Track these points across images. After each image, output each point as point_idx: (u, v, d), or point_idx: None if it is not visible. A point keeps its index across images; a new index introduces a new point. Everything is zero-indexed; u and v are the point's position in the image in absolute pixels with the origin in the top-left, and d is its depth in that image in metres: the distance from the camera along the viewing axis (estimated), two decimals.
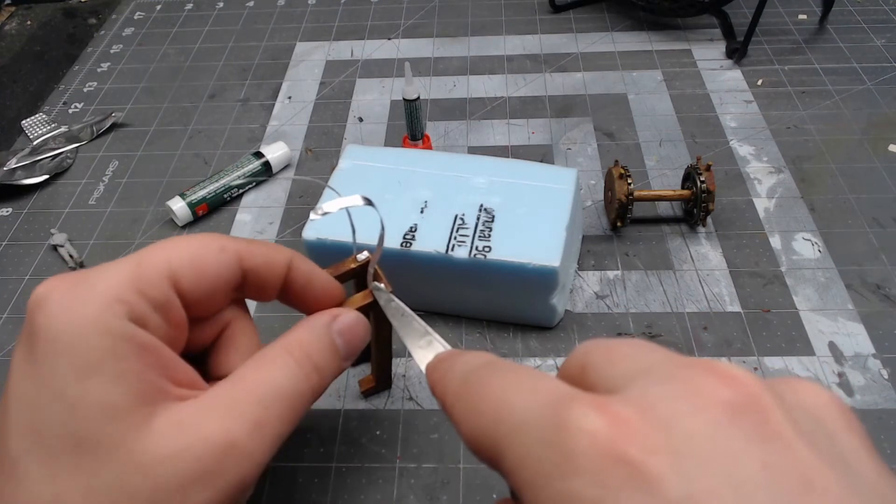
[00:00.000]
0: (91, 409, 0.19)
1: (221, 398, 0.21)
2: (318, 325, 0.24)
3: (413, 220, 0.35)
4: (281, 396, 0.21)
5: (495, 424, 0.16)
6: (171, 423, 0.19)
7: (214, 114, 0.53)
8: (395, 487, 0.31)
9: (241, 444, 0.20)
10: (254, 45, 0.61)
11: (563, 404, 0.15)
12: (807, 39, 0.57)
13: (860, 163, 0.45)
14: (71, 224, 0.45)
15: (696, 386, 0.14)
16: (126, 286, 0.20)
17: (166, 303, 0.21)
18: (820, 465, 0.13)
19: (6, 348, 0.38)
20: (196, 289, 0.22)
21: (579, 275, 0.39)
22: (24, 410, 0.19)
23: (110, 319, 0.19)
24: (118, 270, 0.21)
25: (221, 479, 0.20)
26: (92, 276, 0.20)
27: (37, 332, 0.19)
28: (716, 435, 0.13)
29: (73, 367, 0.19)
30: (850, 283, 0.38)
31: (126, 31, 0.64)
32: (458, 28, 0.61)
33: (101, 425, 0.19)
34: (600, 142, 0.48)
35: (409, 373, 0.35)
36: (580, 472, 0.13)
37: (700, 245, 0.41)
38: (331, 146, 0.50)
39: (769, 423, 0.13)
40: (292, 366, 0.22)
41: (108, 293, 0.20)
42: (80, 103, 0.56)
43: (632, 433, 0.13)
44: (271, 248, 0.24)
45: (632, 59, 0.56)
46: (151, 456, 0.19)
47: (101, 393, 0.19)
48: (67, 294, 0.20)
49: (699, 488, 0.12)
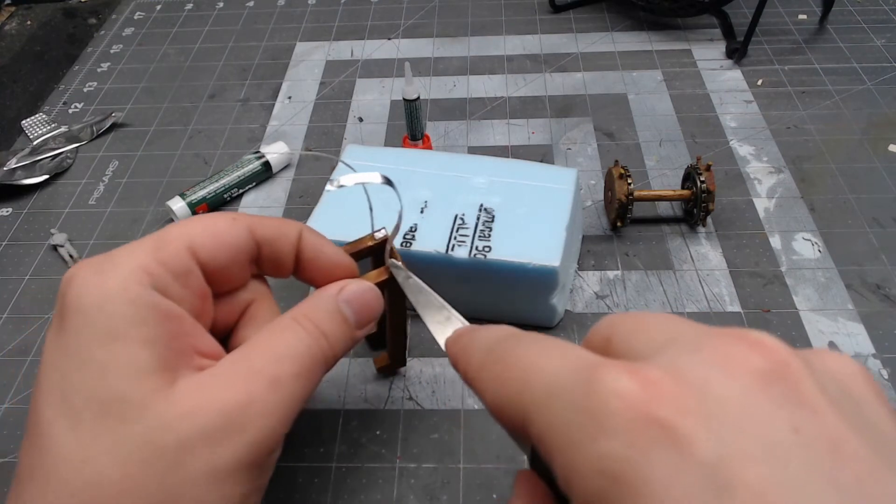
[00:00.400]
0: (117, 373, 0.19)
1: (237, 362, 0.22)
2: (325, 296, 0.25)
3: (413, 219, 0.35)
4: (293, 356, 0.22)
5: (523, 391, 0.16)
6: (191, 385, 0.20)
7: (214, 114, 0.53)
8: (395, 487, 0.31)
9: (260, 399, 0.21)
10: (254, 45, 0.61)
11: (593, 369, 0.15)
12: (807, 39, 0.57)
13: (860, 163, 0.45)
14: (71, 224, 0.45)
15: (726, 353, 0.14)
16: (148, 258, 0.21)
17: (187, 272, 0.22)
18: (848, 432, 0.13)
19: (6, 348, 0.38)
20: (214, 258, 0.23)
21: (579, 275, 0.39)
22: (53, 378, 0.20)
23: (134, 288, 0.20)
24: (140, 245, 0.22)
25: (244, 434, 0.20)
26: (116, 253, 0.22)
27: (66, 306, 0.20)
28: (747, 400, 0.13)
29: (99, 334, 0.20)
30: (850, 283, 0.38)
31: (126, 31, 0.64)
32: (458, 28, 0.61)
33: (126, 387, 0.19)
34: (600, 142, 0.48)
35: (409, 373, 0.35)
36: (611, 434, 0.13)
37: (700, 245, 0.41)
38: (331, 146, 0.50)
39: (799, 389, 0.13)
40: (301, 332, 0.23)
41: (131, 265, 0.21)
42: (80, 103, 0.56)
43: (663, 396, 0.13)
44: (282, 220, 0.26)
45: (632, 59, 0.56)
46: (175, 412, 0.20)
47: (126, 357, 0.20)
48: (93, 270, 0.21)
49: (731, 450, 0.12)
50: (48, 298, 0.41)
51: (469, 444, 0.32)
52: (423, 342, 0.36)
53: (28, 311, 0.40)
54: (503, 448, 0.32)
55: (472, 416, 0.33)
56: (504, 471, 0.31)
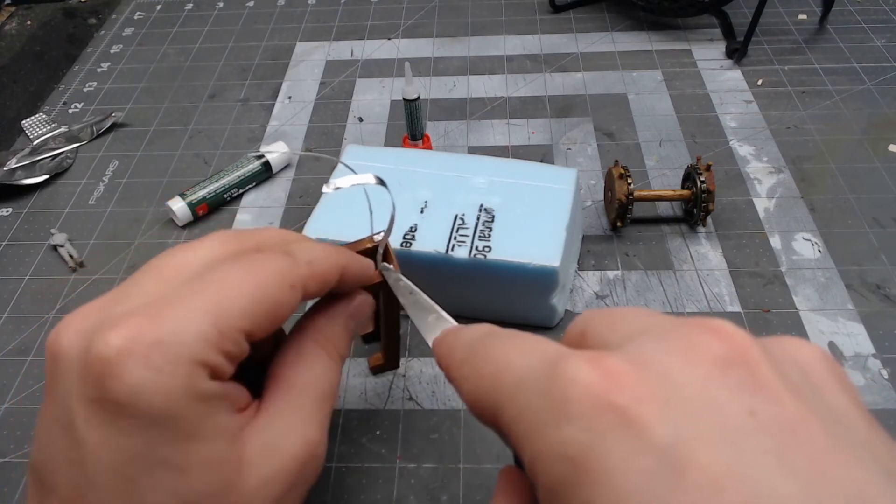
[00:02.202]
0: (198, 469, 0.19)
1: (289, 411, 0.22)
2: (339, 315, 0.25)
3: (413, 219, 0.35)
4: (328, 392, 0.23)
5: (495, 383, 0.17)
6: (261, 450, 0.20)
7: (214, 114, 0.53)
8: (395, 487, 0.31)
9: (318, 450, 0.22)
10: (254, 45, 0.61)
11: (558, 359, 0.15)
12: (807, 39, 0.57)
13: (860, 163, 0.45)
14: (71, 224, 0.45)
15: (689, 341, 0.15)
16: (209, 348, 0.19)
17: (241, 353, 0.21)
18: (806, 415, 0.13)
19: (6, 348, 0.38)
20: (265, 332, 0.21)
21: (579, 275, 0.39)
22: (117, 482, 0.18)
23: (199, 385, 0.19)
24: (197, 327, 0.19)
25: (306, 484, 0.21)
26: (167, 331, 0.18)
27: (120, 402, 0.18)
28: (705, 385, 0.14)
29: (173, 436, 0.18)
30: (850, 283, 0.38)
31: (126, 31, 0.64)
32: (458, 28, 0.61)
33: (209, 480, 0.19)
34: (600, 142, 0.48)
35: (409, 373, 0.35)
36: (572, 419, 0.14)
37: (700, 245, 0.41)
38: (331, 146, 0.50)
39: (757, 374, 0.14)
40: (327, 360, 0.23)
41: (192, 358, 0.19)
42: (80, 103, 0.56)
43: (622, 383, 0.14)
44: (328, 264, 0.23)
45: (632, 59, 0.56)
46: (253, 485, 0.20)
47: (205, 452, 0.19)
48: (148, 360, 0.18)
49: (686, 434, 0.13)
50: (48, 298, 0.41)
51: (469, 444, 0.32)
52: (422, 342, 0.36)
53: (28, 311, 0.40)
54: (503, 448, 0.32)
55: (471, 416, 0.33)
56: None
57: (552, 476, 0.14)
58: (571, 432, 0.14)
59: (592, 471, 0.13)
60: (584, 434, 0.14)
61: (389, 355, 0.34)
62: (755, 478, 0.12)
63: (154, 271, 0.21)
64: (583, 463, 0.13)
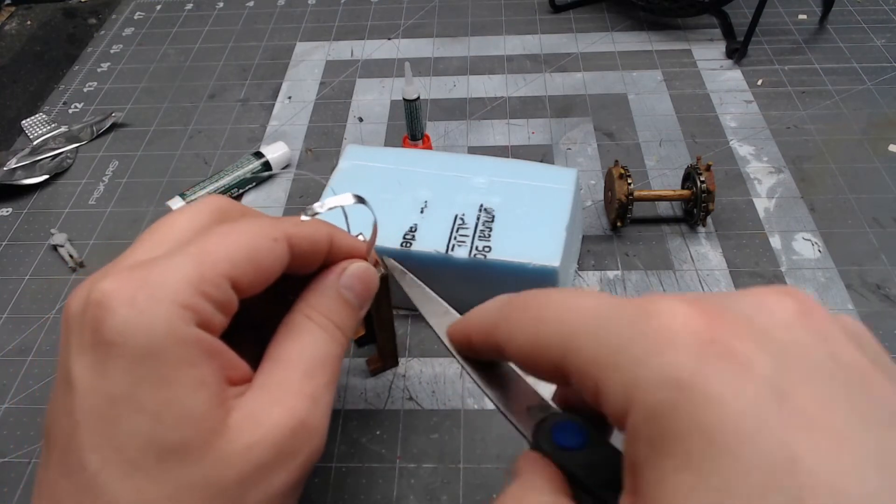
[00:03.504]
0: (173, 419, 0.19)
1: (276, 382, 0.22)
2: (328, 285, 0.25)
3: (413, 220, 0.35)
4: (322, 364, 0.23)
5: (564, 325, 0.18)
6: (244, 417, 0.20)
7: (214, 114, 0.53)
8: (395, 487, 0.31)
9: (307, 421, 0.21)
10: (254, 45, 0.61)
11: (646, 301, 0.16)
12: (807, 39, 0.57)
13: (860, 163, 0.45)
14: (71, 224, 0.45)
15: (762, 299, 0.16)
16: (191, 290, 0.20)
17: (228, 302, 0.21)
18: (868, 365, 0.15)
19: (6, 348, 0.38)
20: (252, 283, 0.22)
21: (579, 275, 0.39)
22: (97, 424, 0.19)
23: (181, 327, 0.19)
24: (180, 271, 0.20)
25: (298, 456, 0.21)
26: (153, 276, 0.20)
27: (108, 342, 0.19)
28: (788, 330, 0.15)
29: (150, 379, 0.19)
30: (850, 283, 0.38)
31: (126, 31, 0.64)
32: (458, 28, 0.61)
33: (184, 433, 0.19)
34: (600, 142, 0.48)
35: (409, 373, 0.35)
36: (677, 349, 0.15)
37: (700, 245, 0.41)
38: (331, 146, 0.50)
39: (826, 326, 0.16)
40: (319, 332, 0.23)
41: (175, 298, 0.19)
42: (80, 103, 0.56)
43: (720, 321, 0.15)
44: (315, 228, 0.24)
45: (632, 59, 0.56)
46: (233, 449, 0.20)
47: (182, 401, 0.19)
48: (134, 300, 0.19)
49: (783, 367, 0.14)
50: (48, 298, 0.41)
51: (469, 444, 0.32)
52: (423, 342, 0.36)
53: (28, 311, 0.40)
54: (503, 448, 0.32)
55: (472, 416, 0.33)
56: (504, 471, 0.31)
57: (654, 400, 0.15)
58: (678, 359, 0.14)
59: (702, 393, 0.14)
60: (691, 361, 0.14)
61: (387, 355, 0.34)
62: (846, 409, 0.14)
63: (147, 237, 0.23)
64: (692, 386, 0.14)
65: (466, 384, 0.34)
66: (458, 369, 0.35)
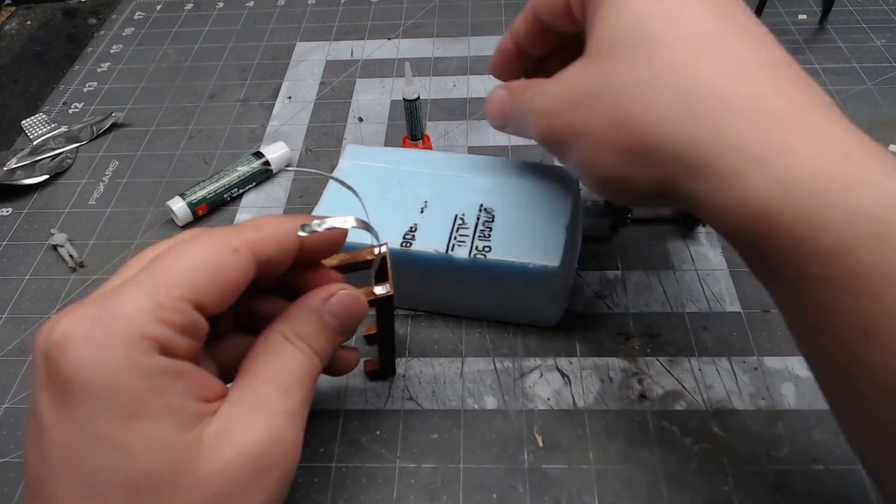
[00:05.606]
0: (142, 449, 0.19)
1: (250, 398, 0.22)
2: (311, 309, 0.24)
3: (413, 219, 0.35)
4: (297, 381, 0.23)
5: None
6: (217, 436, 0.20)
7: (214, 114, 0.53)
8: (395, 487, 0.31)
9: (282, 436, 0.21)
10: (254, 45, 0.61)
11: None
12: (807, 39, 0.57)
13: None
14: (71, 224, 0.45)
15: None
16: (148, 319, 0.19)
17: (191, 324, 0.21)
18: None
19: (6, 348, 0.38)
20: (218, 301, 0.21)
21: (579, 275, 0.39)
22: (67, 460, 0.19)
23: (141, 359, 0.19)
24: (135, 301, 0.20)
25: (273, 472, 0.21)
26: (109, 310, 0.19)
27: (65, 379, 0.19)
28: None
29: (115, 413, 0.19)
30: None
31: (126, 31, 0.64)
32: (458, 28, 0.61)
33: (154, 461, 0.19)
34: None
35: (409, 373, 0.35)
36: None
37: (700, 245, 0.41)
38: (331, 146, 0.50)
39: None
40: (293, 351, 0.23)
41: (131, 331, 0.19)
42: (80, 103, 0.56)
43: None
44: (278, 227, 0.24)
45: None
46: (207, 471, 0.19)
47: (149, 432, 0.19)
48: (89, 337, 0.19)
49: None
50: (48, 298, 0.41)
51: (469, 444, 0.32)
52: (422, 342, 0.36)
53: (28, 311, 0.40)
54: (503, 448, 0.32)
55: (472, 416, 0.33)
56: (504, 470, 0.31)
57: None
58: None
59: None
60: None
61: (385, 364, 0.34)
62: (725, 25, 0.23)
63: (126, 266, 0.23)
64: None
65: (466, 384, 0.34)
66: (458, 369, 0.35)
